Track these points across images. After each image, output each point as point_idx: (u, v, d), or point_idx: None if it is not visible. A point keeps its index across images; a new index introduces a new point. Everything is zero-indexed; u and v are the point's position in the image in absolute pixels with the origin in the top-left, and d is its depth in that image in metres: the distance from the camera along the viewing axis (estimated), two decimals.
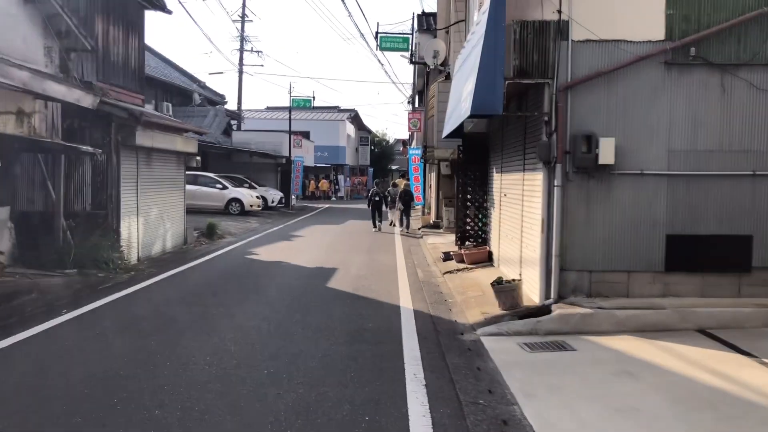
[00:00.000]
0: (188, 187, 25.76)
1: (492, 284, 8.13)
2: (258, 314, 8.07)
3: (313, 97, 32.43)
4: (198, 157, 16.14)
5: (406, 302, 9.05)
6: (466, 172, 12.97)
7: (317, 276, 11.34)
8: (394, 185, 25.41)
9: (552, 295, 7.72)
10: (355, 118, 56.63)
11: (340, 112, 54.09)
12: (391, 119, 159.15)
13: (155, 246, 13.87)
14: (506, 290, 7.90)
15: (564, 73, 7.67)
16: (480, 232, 12.96)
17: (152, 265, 12.40)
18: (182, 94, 34.99)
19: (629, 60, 7.62)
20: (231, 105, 39.82)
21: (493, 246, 11.88)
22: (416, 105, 28.92)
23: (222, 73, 45.89)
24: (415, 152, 22.46)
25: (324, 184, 47.28)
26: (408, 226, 21.06)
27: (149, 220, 13.49)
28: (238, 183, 28.98)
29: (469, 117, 8.54)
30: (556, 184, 7.69)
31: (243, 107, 61.35)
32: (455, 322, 7.85)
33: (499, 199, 11.27)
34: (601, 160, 7.59)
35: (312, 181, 47.15)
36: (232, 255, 14.29)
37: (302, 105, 32.60)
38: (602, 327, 7.18)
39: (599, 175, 7.74)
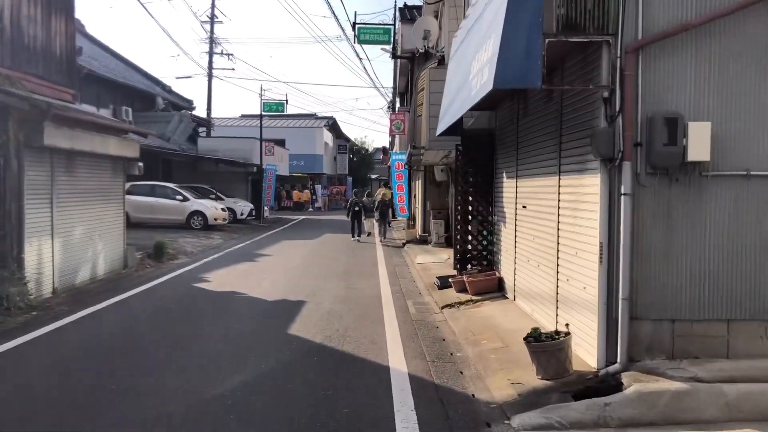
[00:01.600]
0: (144, 199, 23.12)
1: (526, 340, 5.55)
2: (173, 394, 5.39)
3: (286, 101, 29.80)
4: (140, 164, 13.41)
5: (397, 359, 6.44)
6: (466, 178, 10.44)
7: (277, 315, 8.69)
8: (368, 195, 24.10)
9: (619, 357, 5.17)
10: (333, 126, 54.06)
11: (318, 119, 51.51)
12: (370, 127, 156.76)
13: (81, 272, 11.11)
14: (549, 350, 5.33)
15: (632, 26, 5.17)
16: (484, 252, 10.41)
17: (70, 299, 9.67)
18: (145, 98, 32.26)
19: (732, 6, 5.13)
20: (201, 111, 37.14)
21: (505, 271, 9.32)
22: (398, 108, 26.36)
23: (190, 77, 43.44)
24: (398, 158, 19.95)
25: (305, 195, 44.58)
26: (385, 235, 20.94)
27: (71, 241, 10.74)
28: (203, 194, 26.22)
29: (485, 98, 6.00)
30: (623, 191, 5.17)
31: (216, 115, 58.36)
32: (474, 400, 5.25)
33: (513, 211, 8.72)
34: (690, 156, 5.09)
35: (295, 191, 44.46)
36: (178, 283, 11.57)
37: (275, 109, 29.96)
38: (706, 413, 4.63)
39: (686, 177, 5.23)
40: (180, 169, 29.30)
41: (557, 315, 6.60)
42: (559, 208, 6.57)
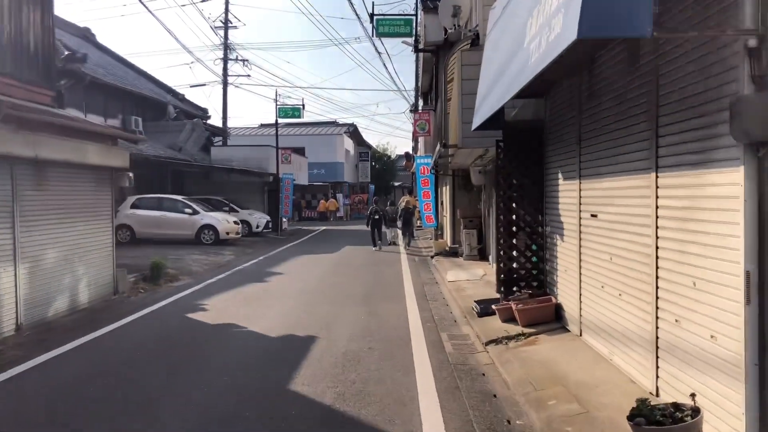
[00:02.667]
0: (150, 213, 21.58)
1: (634, 421, 3.67)
2: None
3: (303, 106, 28.17)
4: (130, 174, 11.78)
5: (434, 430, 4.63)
6: (509, 181, 8.58)
7: (280, 358, 6.91)
8: (392, 203, 24.27)
9: None
10: (354, 133, 52.49)
11: (338, 126, 49.95)
12: (392, 133, 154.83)
13: (57, 303, 9.48)
14: None
15: None
16: (534, 272, 8.53)
17: (33, 338, 8.02)
18: (156, 107, 30.96)
19: None
20: (217, 121, 35.71)
21: (564, 297, 7.45)
22: (421, 108, 24.49)
23: (204, 85, 42.12)
24: (423, 162, 18.14)
25: (331, 204, 42.98)
26: (409, 244, 20.60)
27: (41, 267, 9.10)
28: (216, 206, 24.70)
29: (533, 81, 4.20)
30: None
31: (234, 124, 57.36)
32: None
33: (575, 221, 6.85)
34: None
35: (321, 201, 42.98)
36: (169, 313, 9.87)
37: (291, 115, 28.38)
38: None
39: None
40: (192, 181, 27.86)
41: (657, 367, 4.71)
42: (657, 217, 4.69)
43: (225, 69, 36.53)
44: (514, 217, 8.54)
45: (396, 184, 59.72)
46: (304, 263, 16.83)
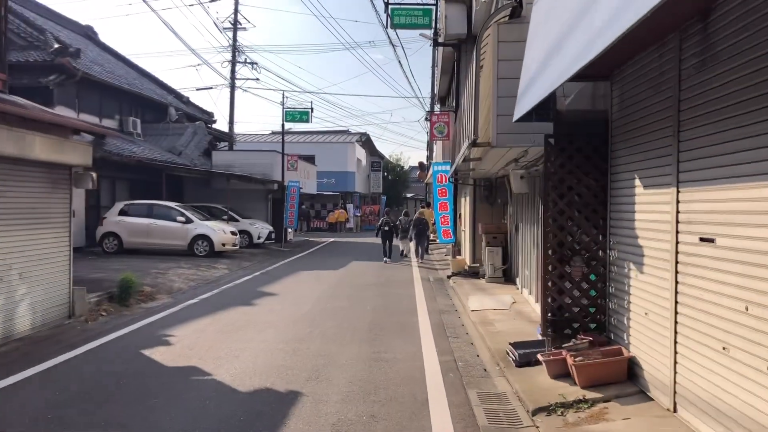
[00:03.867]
0: (140, 220, 19.63)
1: None
2: None
3: (311, 109, 26.28)
4: (93, 174, 9.82)
5: None
6: (561, 190, 6.52)
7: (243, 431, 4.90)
8: (406, 214, 23.58)
9: None
10: (367, 142, 50.64)
11: (350, 135, 48.12)
12: (406, 143, 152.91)
13: None
14: None
15: None
16: (591, 309, 6.46)
17: None
18: (157, 109, 29.30)
19: None
20: (223, 126, 33.98)
21: (642, 348, 5.38)
22: (439, 110, 22.37)
23: (211, 88, 40.41)
24: (441, 169, 16.12)
25: (342, 215, 41.13)
26: (422, 256, 20.27)
27: None
28: (215, 215, 22.82)
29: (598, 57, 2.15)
30: None
31: (242, 130, 55.73)
32: None
33: (671, 247, 4.79)
34: None
35: (331, 213, 41.33)
36: (123, 347, 7.87)
37: (298, 119, 26.50)
38: None
39: None
40: (192, 187, 26.05)
41: None
42: None
43: (233, 71, 34.77)
44: (568, 237, 6.48)
45: (409, 195, 57.74)
46: (304, 281, 14.82)
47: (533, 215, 10.72)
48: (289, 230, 28.07)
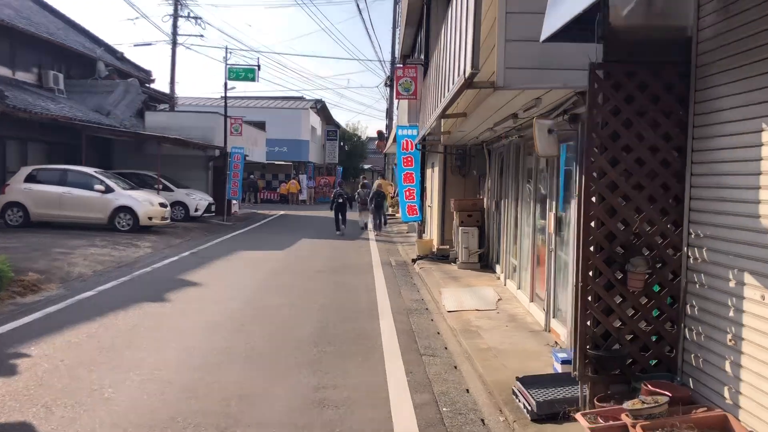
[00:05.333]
0: (51, 189, 16.37)
1: None
2: None
3: (258, 66, 23.32)
4: None
5: None
6: (612, 151, 4.16)
7: None
8: (363, 186, 22.90)
9: None
10: (322, 109, 47.71)
11: (304, 101, 45.10)
12: (364, 111, 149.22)
13: None
14: None
15: None
16: (654, 338, 4.18)
17: None
18: (85, 63, 26.06)
19: None
20: (165, 87, 30.60)
21: (760, 412, 3.12)
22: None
23: (150, 44, 36.82)
24: (406, 133, 13.68)
25: (293, 186, 38.42)
26: (380, 228, 20.11)
27: None
28: (146, 184, 19.97)
29: None
30: None
31: (189, 94, 51.85)
32: None
33: None
34: None
35: (282, 184, 38.69)
36: None
37: (243, 77, 23.58)
38: None
39: None
40: (123, 153, 22.99)
41: None
42: None
43: (174, 26, 31.44)
44: (619, 225, 4.15)
45: (366, 167, 55.19)
46: (240, 265, 12.29)
47: (522, 189, 8.43)
48: (234, 202, 25.33)
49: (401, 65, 14.05)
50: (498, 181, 10.92)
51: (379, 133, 36.69)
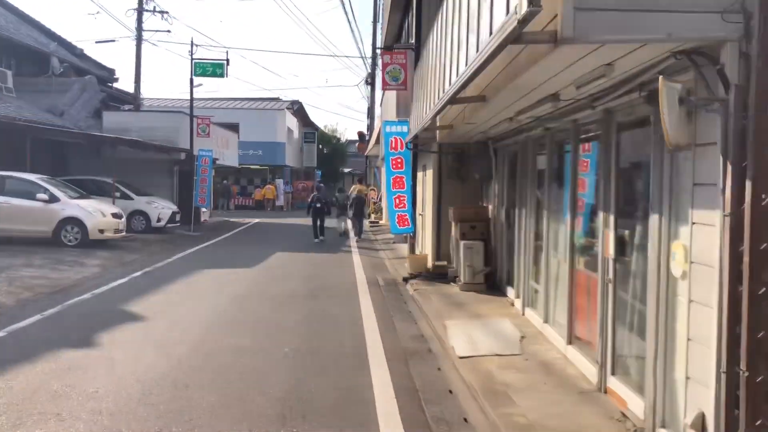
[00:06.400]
0: None
1: None
2: None
3: (227, 61, 21.27)
4: None
5: None
6: None
7: None
8: (340, 190, 22.18)
9: None
10: (299, 111, 45.68)
11: (280, 102, 43.06)
12: (342, 113, 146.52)
13: None
14: None
15: None
16: None
17: None
18: (38, 60, 23.85)
19: None
20: (128, 86, 28.24)
21: None
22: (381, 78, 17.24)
23: (113, 40, 34.39)
24: (395, 130, 11.81)
25: (270, 191, 36.45)
26: (360, 234, 19.42)
27: None
28: (102, 191, 17.89)
29: None
30: None
31: (158, 95, 49.40)
32: None
33: None
34: None
35: (258, 189, 36.86)
36: None
37: (211, 72, 21.54)
38: None
39: None
40: (79, 157, 20.81)
41: None
42: None
43: (139, 20, 29.18)
44: None
45: (346, 170, 53.21)
46: (198, 289, 10.30)
47: (549, 195, 6.60)
48: (204, 210, 23.26)
49: (392, 51, 12.10)
50: (508, 185, 9.11)
51: (360, 134, 34.86)
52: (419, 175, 12.95)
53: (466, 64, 4.67)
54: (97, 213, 14.69)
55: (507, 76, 4.55)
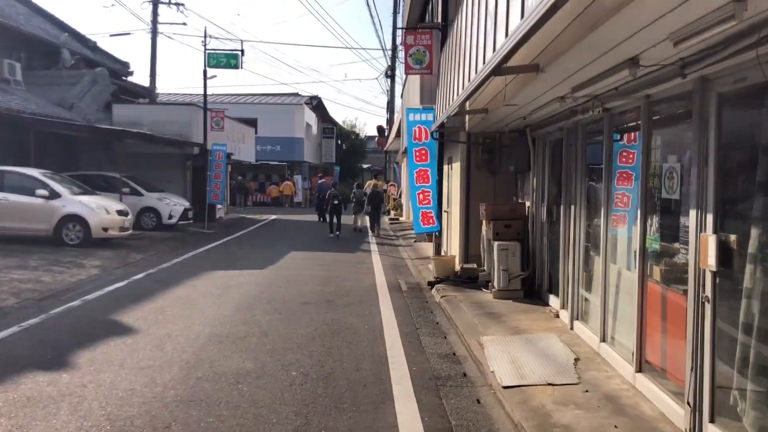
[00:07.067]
0: None
1: None
2: None
3: (242, 51, 20.38)
4: None
5: None
6: None
7: None
8: (358, 186, 21.16)
9: None
10: (318, 106, 44.67)
11: (299, 97, 42.10)
12: (363, 108, 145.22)
13: None
14: None
15: None
16: None
17: None
18: (49, 52, 23.07)
19: None
20: (143, 79, 27.53)
21: None
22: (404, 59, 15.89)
23: (129, 33, 33.65)
24: (419, 119, 10.69)
25: (288, 188, 35.61)
26: (378, 231, 19.10)
27: None
28: (110, 187, 17.04)
29: None
30: None
31: (175, 89, 48.69)
32: None
33: None
34: None
35: (272, 186, 36.05)
36: None
37: (225, 63, 20.61)
38: None
39: None
40: (90, 152, 19.95)
41: None
42: None
43: (155, 12, 28.43)
44: None
45: (365, 166, 52.12)
46: (202, 294, 9.26)
47: (609, 190, 5.44)
48: (219, 206, 22.36)
49: (416, 31, 10.92)
50: (550, 179, 7.96)
51: (380, 128, 33.76)
52: (444, 168, 11.82)
53: (522, 18, 3.55)
54: (101, 210, 13.77)
55: (577, 30, 3.42)
